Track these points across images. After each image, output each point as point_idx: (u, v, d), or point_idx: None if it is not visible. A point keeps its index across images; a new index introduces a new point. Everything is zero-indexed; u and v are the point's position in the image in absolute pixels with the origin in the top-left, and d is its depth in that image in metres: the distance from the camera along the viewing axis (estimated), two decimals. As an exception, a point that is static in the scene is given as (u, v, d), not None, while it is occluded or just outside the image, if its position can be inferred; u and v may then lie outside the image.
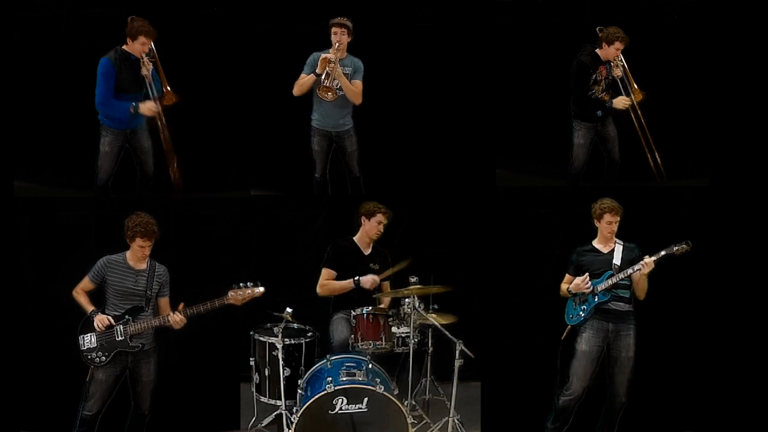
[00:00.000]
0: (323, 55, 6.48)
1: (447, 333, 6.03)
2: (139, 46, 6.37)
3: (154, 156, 6.69)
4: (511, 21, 7.12)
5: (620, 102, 6.65)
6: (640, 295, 6.09)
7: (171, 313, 5.93)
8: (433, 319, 6.17)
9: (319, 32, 6.84)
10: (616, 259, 6.09)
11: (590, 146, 6.81)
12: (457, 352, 5.94)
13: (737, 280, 6.49)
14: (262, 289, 6.05)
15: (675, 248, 5.96)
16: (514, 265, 6.72)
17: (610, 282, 6.03)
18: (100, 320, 5.86)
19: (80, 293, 5.99)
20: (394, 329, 6.22)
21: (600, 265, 6.11)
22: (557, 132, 6.93)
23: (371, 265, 6.53)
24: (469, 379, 6.45)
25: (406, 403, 6.06)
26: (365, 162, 6.91)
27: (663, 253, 5.98)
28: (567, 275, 6.24)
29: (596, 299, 6.05)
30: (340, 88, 6.56)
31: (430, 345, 6.41)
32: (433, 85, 7.30)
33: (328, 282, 6.46)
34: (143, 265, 5.97)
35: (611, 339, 6.08)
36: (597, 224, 6.17)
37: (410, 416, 5.90)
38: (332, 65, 6.45)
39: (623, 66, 6.64)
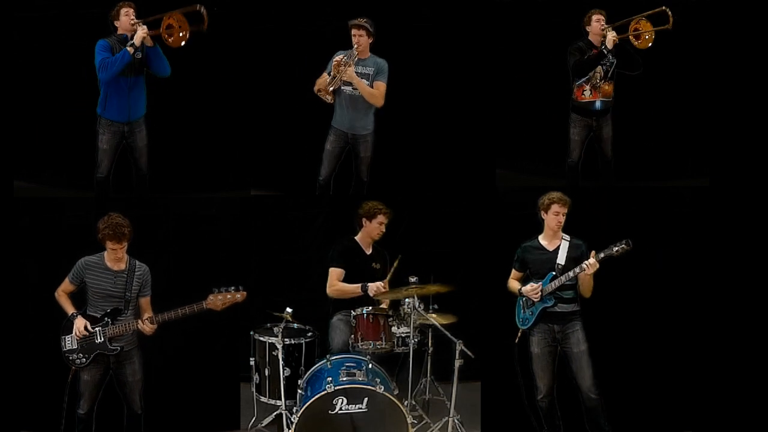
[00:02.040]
0: (336, 58, 6.46)
1: (447, 333, 6.02)
2: (125, 19, 6.35)
3: (148, 154, 6.67)
4: (511, 21, 7.12)
5: (610, 40, 6.53)
6: (585, 293, 6.03)
7: (140, 320, 5.84)
8: (433, 319, 6.17)
9: (318, 32, 6.86)
10: (560, 259, 6.03)
11: (584, 142, 6.81)
12: (457, 352, 5.93)
13: (738, 280, 6.49)
14: (244, 293, 5.88)
15: (615, 249, 5.82)
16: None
17: (553, 285, 5.99)
18: (78, 326, 5.83)
19: (61, 295, 5.95)
20: (394, 329, 6.22)
21: (544, 265, 6.06)
22: (557, 132, 6.93)
23: (373, 264, 6.53)
24: (469, 379, 6.45)
25: (406, 403, 6.06)
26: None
27: (602, 254, 5.86)
28: (513, 271, 6.24)
29: (542, 303, 6.03)
30: (356, 89, 6.54)
31: (430, 345, 6.42)
32: (432, 86, 7.31)
33: (338, 284, 6.42)
34: (122, 266, 5.89)
35: (560, 339, 6.07)
36: (544, 217, 6.09)
37: (410, 416, 5.90)
38: (342, 68, 6.42)
39: (615, 37, 6.55)
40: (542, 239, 6.14)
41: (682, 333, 6.62)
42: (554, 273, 6.02)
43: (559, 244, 6.08)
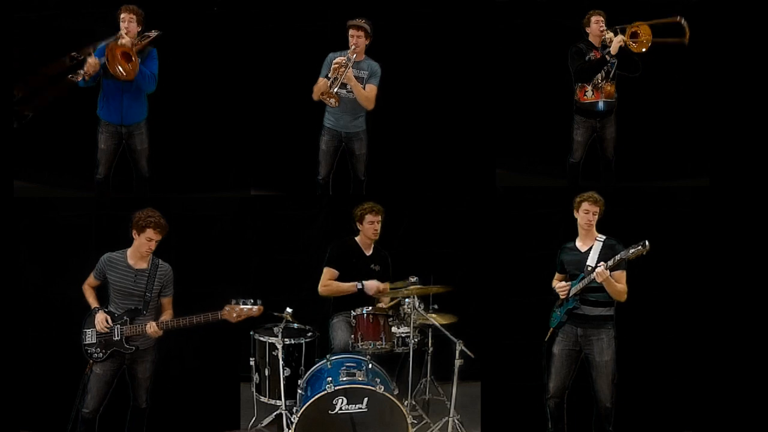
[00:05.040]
0: (336, 60, 6.45)
1: (447, 333, 6.03)
2: (121, 24, 6.36)
3: (149, 157, 6.67)
4: (511, 20, 7.12)
5: (615, 45, 6.54)
6: (615, 297, 5.93)
7: (149, 324, 5.85)
8: (433, 319, 6.17)
9: (319, 32, 6.85)
10: (591, 260, 5.96)
11: (587, 144, 6.81)
12: (457, 352, 5.94)
13: (737, 280, 6.48)
14: (261, 307, 5.90)
15: (631, 251, 5.76)
16: (514, 265, 6.72)
17: (579, 286, 5.94)
18: (100, 320, 5.86)
19: (87, 288, 6.01)
20: (394, 329, 6.22)
21: (576, 266, 6.02)
22: (557, 131, 6.93)
23: (372, 266, 6.53)
24: (469, 379, 6.45)
25: (406, 403, 6.06)
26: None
27: (617, 257, 5.80)
28: (556, 272, 6.20)
29: (567, 304, 6.00)
30: (351, 91, 6.54)
31: (430, 345, 6.42)
32: (432, 85, 7.30)
33: (330, 282, 6.45)
34: (144, 264, 5.92)
35: (582, 343, 6.01)
36: (576, 216, 6.04)
37: (410, 416, 5.90)
38: (342, 69, 6.42)
39: (621, 41, 6.57)
40: (578, 240, 6.09)
41: (682, 333, 6.62)
42: (583, 274, 5.97)
43: (592, 246, 6.02)
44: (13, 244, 6.58)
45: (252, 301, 5.88)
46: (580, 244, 6.07)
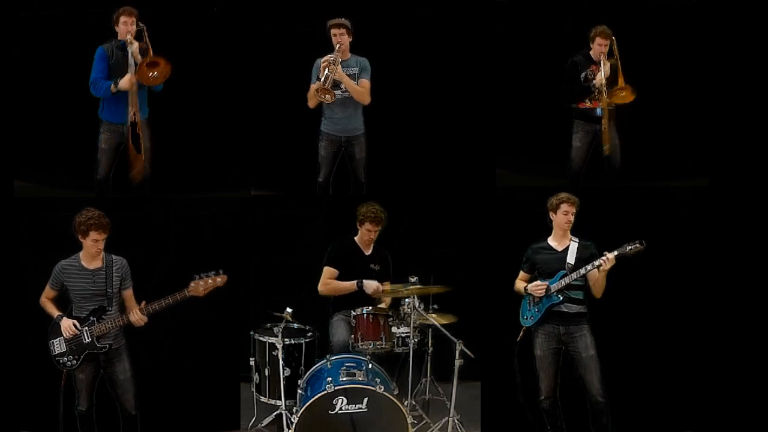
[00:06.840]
0: (324, 58, 6.46)
1: (447, 333, 6.03)
2: (122, 27, 6.37)
3: (151, 158, 6.66)
4: (511, 21, 7.12)
5: (599, 80, 6.57)
6: (596, 293, 6.00)
7: (131, 312, 5.83)
8: (433, 319, 6.17)
9: (319, 32, 6.83)
10: (570, 258, 6.01)
11: (588, 149, 6.80)
12: (457, 352, 5.94)
13: (738, 280, 6.49)
14: (224, 276, 5.89)
15: (628, 248, 5.84)
16: (514, 265, 6.71)
17: (563, 282, 5.97)
18: (66, 326, 5.82)
19: (45, 301, 5.95)
20: (394, 329, 6.23)
21: (553, 264, 6.04)
22: (557, 131, 6.93)
23: (372, 265, 6.53)
24: (469, 379, 6.45)
25: (406, 403, 6.06)
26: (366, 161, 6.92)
27: (615, 252, 5.85)
28: (521, 272, 6.22)
29: (549, 300, 6.02)
30: (345, 90, 6.54)
31: (430, 345, 6.42)
32: (433, 85, 7.30)
33: (330, 281, 6.46)
34: (98, 263, 5.87)
35: (566, 341, 6.04)
36: (553, 217, 6.08)
37: (410, 416, 5.90)
38: (332, 66, 6.42)
39: (612, 65, 6.59)
40: (551, 240, 6.13)
41: (682, 333, 6.62)
42: (564, 271, 5.99)
43: (568, 245, 6.07)
44: (13, 244, 6.58)
45: (214, 272, 5.87)
46: (555, 244, 6.11)
